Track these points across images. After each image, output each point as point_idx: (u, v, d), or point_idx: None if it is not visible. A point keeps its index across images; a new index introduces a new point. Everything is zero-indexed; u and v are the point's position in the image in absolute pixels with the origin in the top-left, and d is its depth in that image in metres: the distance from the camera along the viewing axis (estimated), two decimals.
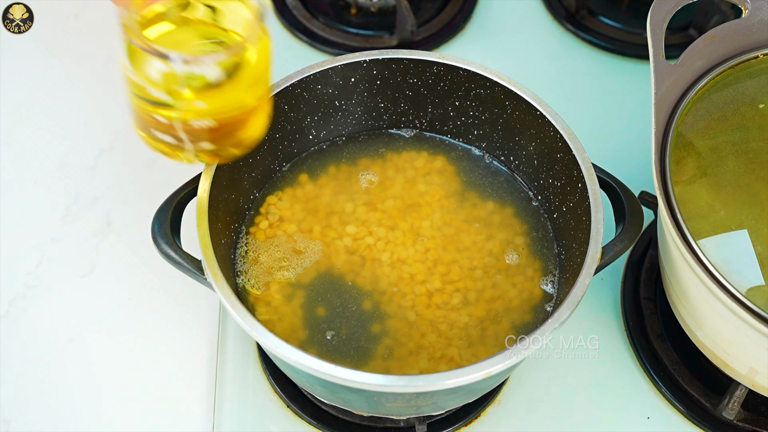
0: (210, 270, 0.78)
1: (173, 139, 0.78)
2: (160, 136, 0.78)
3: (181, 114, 0.75)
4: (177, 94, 0.74)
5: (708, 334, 0.85)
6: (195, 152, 0.79)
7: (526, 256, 0.90)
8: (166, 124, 0.76)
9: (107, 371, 0.94)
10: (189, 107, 0.75)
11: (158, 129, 0.77)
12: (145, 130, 0.80)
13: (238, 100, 0.78)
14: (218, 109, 0.77)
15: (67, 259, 1.01)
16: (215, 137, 0.78)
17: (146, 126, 0.78)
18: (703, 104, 0.88)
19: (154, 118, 0.76)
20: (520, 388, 0.94)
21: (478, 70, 0.90)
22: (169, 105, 0.75)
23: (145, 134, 0.80)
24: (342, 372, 0.73)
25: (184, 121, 0.76)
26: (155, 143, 0.80)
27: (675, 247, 0.82)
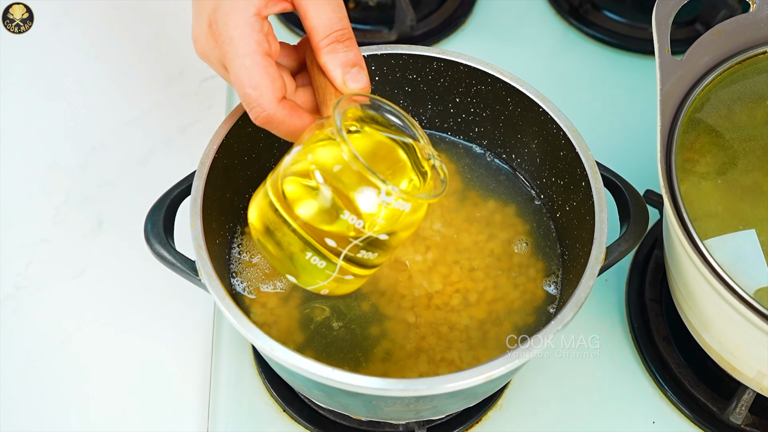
0: (204, 271, 0.78)
1: (324, 264, 0.75)
2: (313, 259, 0.74)
3: (358, 239, 0.73)
4: (371, 221, 0.72)
5: (715, 336, 0.85)
6: (331, 281, 0.76)
7: (528, 257, 0.90)
8: (332, 247, 0.73)
9: (99, 374, 0.94)
10: (369, 238, 0.73)
11: (318, 251, 0.74)
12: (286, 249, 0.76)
13: (396, 244, 0.77)
14: (386, 247, 0.75)
15: (58, 259, 1.01)
16: (358, 272, 0.76)
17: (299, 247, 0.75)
18: (709, 101, 0.88)
19: (321, 238, 0.73)
20: (522, 392, 0.94)
21: (479, 65, 0.90)
22: (349, 229, 0.72)
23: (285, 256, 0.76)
24: (339, 375, 0.73)
25: (356, 248, 0.73)
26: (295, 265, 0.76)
27: (681, 248, 0.82)
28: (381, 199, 0.71)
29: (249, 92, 0.74)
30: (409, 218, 0.74)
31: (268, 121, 0.75)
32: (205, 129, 1.08)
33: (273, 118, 0.75)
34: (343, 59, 0.76)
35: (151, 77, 1.15)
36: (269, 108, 0.74)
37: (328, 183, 0.72)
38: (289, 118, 0.75)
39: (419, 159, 0.77)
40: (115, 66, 1.16)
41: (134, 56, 1.16)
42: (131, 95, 1.13)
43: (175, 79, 1.15)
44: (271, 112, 0.74)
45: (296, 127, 0.75)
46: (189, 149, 1.07)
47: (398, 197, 0.71)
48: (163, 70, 1.15)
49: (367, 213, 0.72)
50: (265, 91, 0.74)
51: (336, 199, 0.72)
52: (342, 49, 0.76)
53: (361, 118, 0.76)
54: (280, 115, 0.75)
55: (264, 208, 0.76)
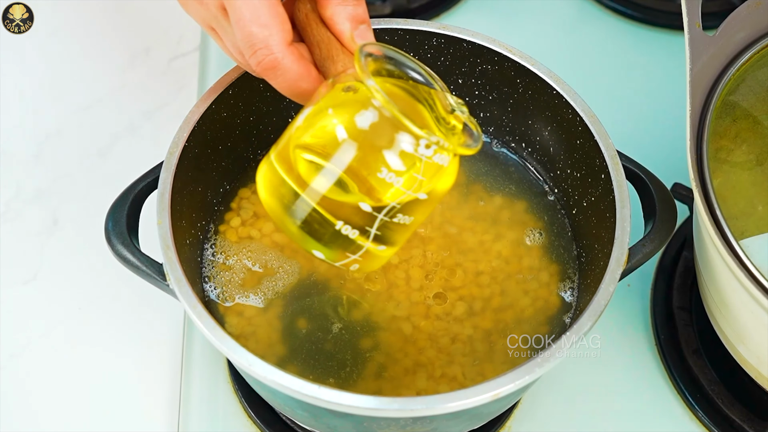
0: (173, 275, 0.78)
1: (356, 233, 0.74)
2: (345, 229, 0.73)
3: (393, 203, 0.72)
4: (409, 178, 0.72)
5: (752, 349, 0.85)
6: (363, 254, 0.75)
7: (540, 259, 0.90)
8: (367, 213, 0.73)
9: (52, 393, 0.94)
10: (408, 198, 0.72)
11: (348, 217, 0.73)
12: (312, 223, 0.75)
13: (431, 207, 0.77)
14: (422, 210, 0.75)
15: (7, 262, 1.00)
16: (392, 241, 0.76)
17: (329, 213, 0.74)
18: (746, 82, 0.88)
19: (353, 206, 0.73)
20: (533, 413, 0.94)
21: (484, 42, 0.90)
22: (386, 189, 0.72)
23: (307, 224, 0.75)
24: (326, 394, 0.73)
25: (393, 211, 0.73)
26: (317, 236, 0.75)
27: (714, 248, 0.82)
28: (421, 153, 0.71)
29: (255, 31, 0.73)
30: (446, 174, 0.74)
31: (274, 67, 0.74)
32: (174, 114, 1.08)
33: (280, 64, 0.74)
34: (352, 13, 0.77)
35: (113, 55, 1.15)
36: (278, 50, 0.74)
37: (356, 139, 0.71)
38: (297, 64, 0.75)
39: (442, 114, 0.77)
40: (72, 42, 1.15)
41: (94, 30, 1.16)
42: (90, 75, 1.13)
43: (141, 57, 1.15)
44: (279, 56, 0.74)
45: (303, 77, 0.75)
46: (156, 137, 1.07)
47: (438, 149, 0.71)
48: (127, 46, 1.15)
49: (405, 169, 0.71)
50: (274, 30, 0.73)
51: (371, 155, 0.71)
52: (352, 2, 0.77)
53: (377, 73, 0.76)
54: (288, 60, 0.74)
55: (275, 184, 0.75)
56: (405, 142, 0.71)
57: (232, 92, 0.87)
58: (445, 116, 0.76)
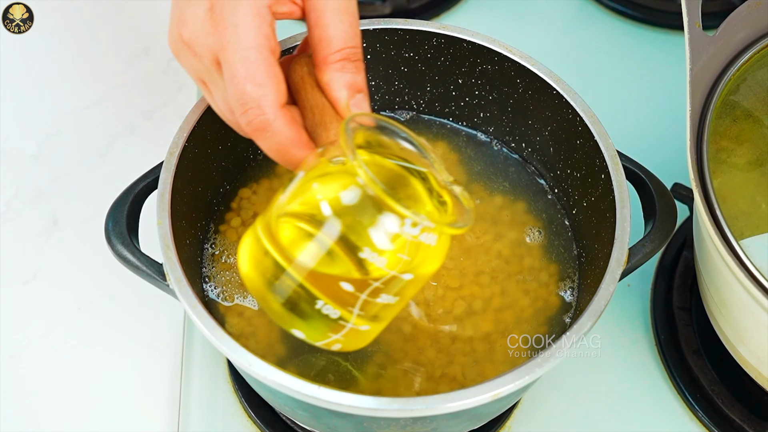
0: (173, 275, 0.77)
1: (338, 314, 0.72)
2: (325, 308, 0.72)
3: (376, 284, 0.70)
4: (393, 259, 0.69)
5: (752, 349, 0.85)
6: (346, 333, 0.74)
7: (540, 259, 0.90)
8: (348, 292, 0.71)
9: (52, 393, 0.94)
10: (393, 279, 0.70)
11: (329, 296, 0.71)
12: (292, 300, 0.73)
13: (418, 285, 0.75)
14: (409, 289, 0.73)
15: (7, 262, 1.00)
16: (375, 320, 0.74)
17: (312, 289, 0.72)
18: (746, 82, 0.88)
19: (334, 284, 0.71)
20: (533, 412, 0.94)
21: (484, 42, 0.90)
22: (369, 270, 0.70)
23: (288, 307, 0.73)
24: (326, 394, 0.73)
25: (376, 292, 0.71)
26: (299, 314, 0.73)
27: (714, 249, 0.82)
28: (405, 231, 0.68)
29: (249, 89, 0.70)
30: (433, 253, 0.72)
31: (264, 128, 0.71)
32: (173, 114, 1.08)
33: (271, 126, 0.71)
34: (351, 81, 0.74)
35: (113, 55, 1.15)
36: (270, 112, 0.71)
37: (340, 216, 0.69)
38: (288, 128, 0.72)
39: (435, 187, 0.74)
40: (72, 42, 1.15)
41: (94, 30, 1.16)
42: (90, 75, 1.13)
43: (140, 57, 1.14)
44: (270, 117, 0.71)
45: (293, 142, 0.72)
46: (156, 137, 1.07)
47: (424, 228, 0.68)
48: (127, 46, 1.15)
49: (388, 249, 0.69)
50: (268, 90, 0.71)
51: (353, 234, 0.69)
52: (352, 69, 0.74)
53: (368, 144, 0.74)
54: (279, 123, 0.71)
55: (258, 257, 0.73)
56: (389, 222, 0.68)
57: None
58: (438, 190, 0.74)
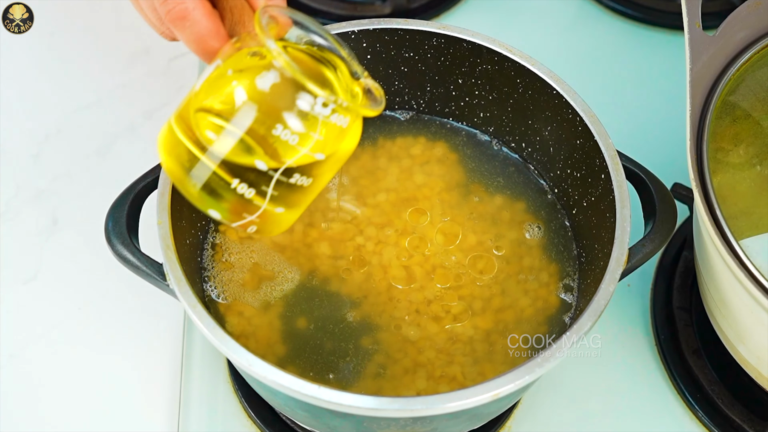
0: (173, 275, 0.77)
1: (252, 192, 0.74)
2: (240, 188, 0.74)
3: (289, 161, 0.73)
4: (306, 138, 0.72)
5: (752, 349, 0.85)
6: (261, 215, 0.76)
7: (540, 259, 0.90)
8: (261, 171, 0.73)
9: (52, 393, 0.94)
10: (304, 158, 0.73)
11: (244, 177, 0.74)
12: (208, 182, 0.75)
13: (332, 169, 0.77)
14: (322, 172, 0.76)
15: (7, 262, 1.00)
16: (290, 203, 0.76)
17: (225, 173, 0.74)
18: (746, 82, 0.88)
19: (249, 164, 0.73)
20: (533, 412, 0.94)
21: (484, 42, 0.90)
22: (282, 148, 0.72)
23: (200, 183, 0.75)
24: (326, 394, 0.73)
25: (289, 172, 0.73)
26: (215, 196, 0.75)
27: (714, 249, 0.82)
28: (318, 112, 0.71)
29: None
30: (346, 135, 0.75)
31: (183, 17, 0.75)
32: None
33: (190, 14, 0.75)
34: None
35: (113, 55, 1.15)
36: (189, 1, 0.75)
37: (255, 99, 0.72)
38: (206, 19, 0.75)
39: (347, 81, 0.78)
40: (72, 42, 1.15)
41: (94, 30, 1.16)
42: (90, 75, 1.13)
43: (140, 57, 1.14)
44: (189, 6, 0.75)
45: (212, 33, 0.76)
46: (156, 137, 1.07)
47: (336, 109, 0.72)
48: (127, 46, 1.15)
49: (301, 128, 0.72)
50: None
51: (267, 114, 0.72)
52: None
53: (281, 39, 0.77)
54: (198, 13, 0.75)
55: (173, 144, 0.75)
56: (301, 100, 0.71)
57: None
58: (348, 83, 0.77)
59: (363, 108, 0.74)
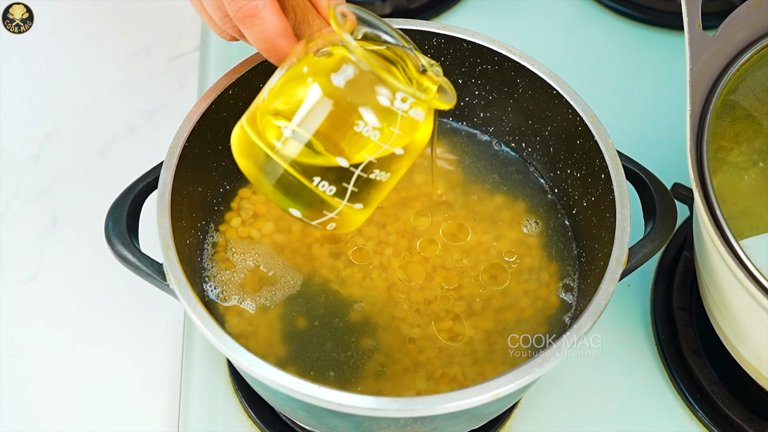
0: (173, 275, 0.77)
1: (333, 190, 0.75)
2: (322, 185, 0.74)
3: (371, 157, 0.73)
4: (387, 132, 0.73)
5: (752, 349, 0.85)
6: (341, 211, 0.76)
7: (540, 259, 0.90)
8: (343, 168, 0.73)
9: (52, 393, 0.94)
10: (384, 152, 0.73)
11: (325, 175, 0.74)
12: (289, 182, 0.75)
13: (408, 162, 0.78)
14: (399, 166, 0.76)
15: (7, 262, 1.00)
16: (369, 199, 0.77)
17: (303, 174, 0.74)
18: (746, 82, 0.88)
19: (330, 162, 0.73)
20: (533, 413, 0.94)
21: (484, 42, 0.90)
22: (363, 143, 0.73)
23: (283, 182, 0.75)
24: (327, 394, 0.73)
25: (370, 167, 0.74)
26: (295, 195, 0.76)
27: (714, 249, 0.82)
28: (397, 106, 0.72)
29: None
30: (422, 129, 0.75)
31: (253, 15, 0.75)
32: (174, 114, 1.08)
33: (260, 12, 0.75)
34: None
35: (113, 55, 1.14)
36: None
37: (334, 96, 0.72)
38: (276, 17, 0.75)
39: (415, 75, 0.78)
40: (72, 42, 1.15)
41: (94, 30, 1.16)
42: (90, 75, 1.13)
43: (140, 56, 1.14)
44: (260, 5, 0.75)
45: (281, 31, 0.76)
46: (156, 137, 1.07)
47: (415, 103, 0.72)
48: (127, 46, 1.15)
49: (382, 123, 0.72)
50: None
51: (347, 110, 0.72)
52: None
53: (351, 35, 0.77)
54: (268, 11, 0.75)
55: (248, 146, 0.75)
56: (382, 95, 0.72)
57: (232, 92, 0.87)
58: (417, 77, 0.78)
59: (438, 101, 0.75)
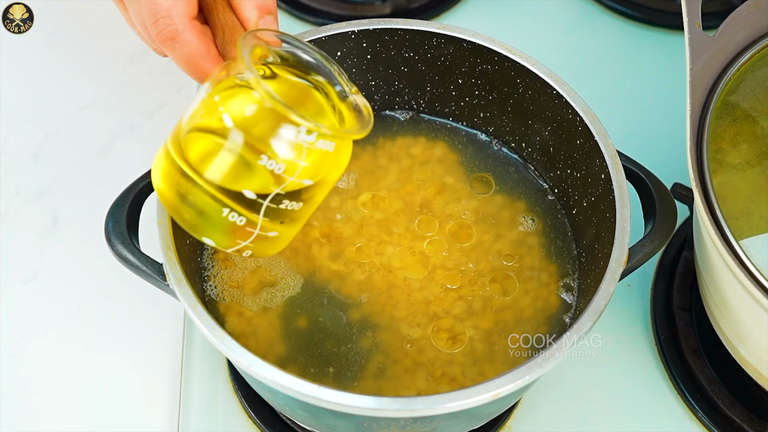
0: (173, 274, 0.77)
1: (243, 220, 0.75)
2: (231, 216, 0.74)
3: (276, 189, 0.74)
4: (291, 165, 0.73)
5: (752, 349, 0.85)
6: (254, 240, 0.76)
7: (540, 259, 0.90)
8: (251, 200, 0.73)
9: (52, 393, 0.94)
10: (292, 185, 0.74)
11: (234, 205, 0.74)
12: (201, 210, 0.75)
13: (321, 193, 0.78)
14: (311, 196, 0.76)
15: (7, 262, 1.00)
16: (282, 227, 0.77)
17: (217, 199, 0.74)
18: (746, 82, 0.88)
19: (235, 194, 0.73)
20: (533, 412, 0.94)
21: (484, 42, 0.90)
22: (269, 176, 0.73)
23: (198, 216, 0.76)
24: (326, 394, 0.73)
25: (278, 198, 0.74)
26: (207, 223, 0.76)
27: (714, 249, 0.82)
28: (301, 140, 0.72)
29: (161, 1, 0.74)
30: (333, 160, 0.75)
31: (173, 38, 0.75)
32: (174, 114, 1.08)
33: (180, 36, 0.75)
34: (260, 2, 0.77)
35: (113, 55, 1.14)
36: (179, 22, 0.75)
37: (240, 128, 0.72)
38: (197, 40, 0.75)
39: (336, 101, 0.78)
40: (72, 42, 1.15)
41: (94, 30, 1.16)
42: (90, 75, 1.13)
43: (140, 57, 1.14)
44: (180, 28, 0.75)
45: (202, 54, 0.76)
46: (156, 137, 1.07)
47: (320, 135, 0.72)
48: (127, 46, 1.15)
49: (287, 156, 0.72)
50: (179, 2, 0.74)
51: (252, 143, 0.72)
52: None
53: (269, 61, 0.77)
54: (188, 34, 0.75)
55: (168, 170, 0.75)
56: (284, 129, 0.71)
57: None
58: (338, 103, 0.78)
59: (348, 133, 0.75)
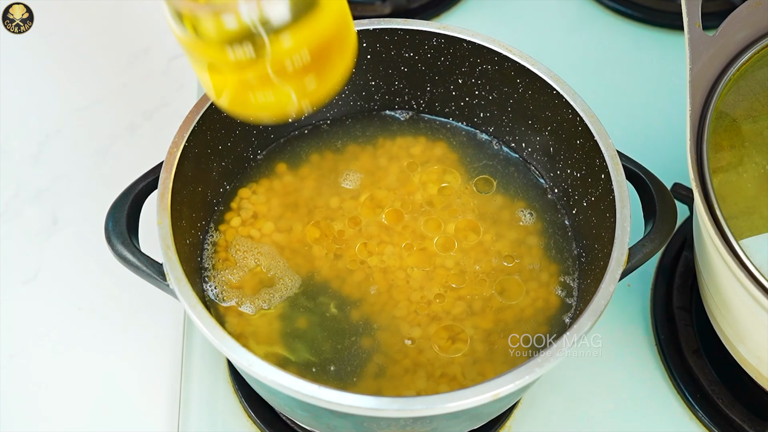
0: (173, 275, 0.77)
1: (273, 95, 0.76)
2: (261, 97, 0.76)
3: (271, 59, 0.74)
4: (258, 43, 0.73)
5: (752, 349, 0.85)
6: (300, 98, 0.77)
7: (540, 259, 0.90)
8: (261, 77, 0.74)
9: (52, 393, 0.94)
10: (276, 49, 0.74)
11: (256, 90, 0.76)
12: (244, 104, 0.78)
13: (321, 24, 0.76)
14: (305, 39, 0.75)
15: (7, 262, 1.00)
16: (314, 69, 0.77)
17: (244, 97, 0.77)
18: (746, 82, 0.88)
19: (247, 82, 0.75)
20: (533, 412, 0.94)
21: (484, 42, 0.90)
22: (254, 57, 0.73)
23: (245, 107, 0.78)
24: (326, 394, 0.73)
25: (276, 65, 0.74)
26: (257, 109, 0.78)
27: (714, 248, 0.82)
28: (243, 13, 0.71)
29: None
30: None
31: None
32: (173, 114, 1.08)
33: None
34: None
35: (113, 55, 1.14)
36: None
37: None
38: None
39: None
40: (72, 42, 1.15)
41: (94, 30, 1.16)
42: (90, 75, 1.13)
43: (140, 57, 1.14)
44: None
45: None
46: (155, 137, 1.07)
47: None
48: (127, 46, 1.15)
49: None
50: None
51: None
52: None
53: None
54: None
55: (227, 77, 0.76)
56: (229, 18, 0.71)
57: None
58: None
59: None
